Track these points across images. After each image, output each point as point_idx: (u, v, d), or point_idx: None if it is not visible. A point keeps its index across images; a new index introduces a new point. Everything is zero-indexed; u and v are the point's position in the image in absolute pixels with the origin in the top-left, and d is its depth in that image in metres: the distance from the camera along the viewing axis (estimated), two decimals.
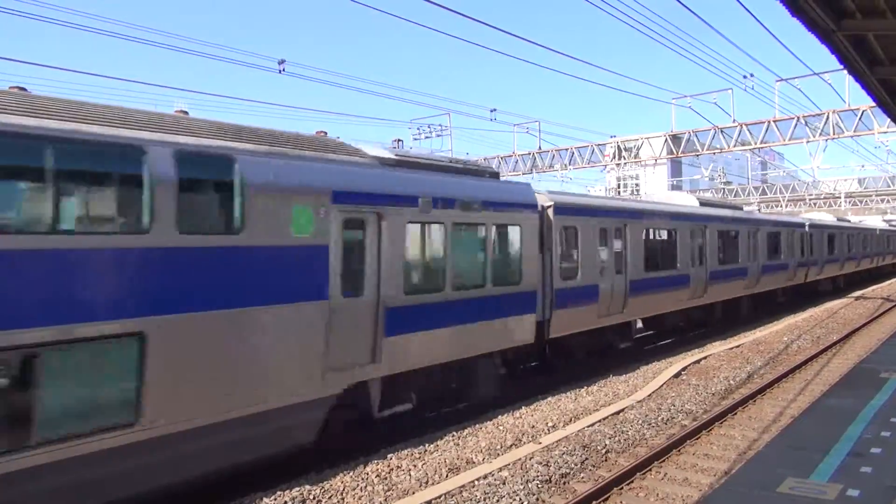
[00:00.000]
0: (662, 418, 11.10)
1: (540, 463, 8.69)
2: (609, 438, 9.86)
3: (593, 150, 32.51)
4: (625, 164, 33.59)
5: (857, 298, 30.99)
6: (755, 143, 26.37)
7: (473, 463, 8.87)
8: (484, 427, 10.54)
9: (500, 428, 10.46)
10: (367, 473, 8.50)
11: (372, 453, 9.24)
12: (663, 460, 9.06)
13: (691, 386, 13.40)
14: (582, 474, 8.58)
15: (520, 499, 7.66)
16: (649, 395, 12.51)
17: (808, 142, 25.26)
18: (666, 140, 29.83)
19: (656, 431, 10.49)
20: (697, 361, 15.84)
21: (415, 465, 8.79)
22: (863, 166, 48.19)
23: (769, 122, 25.73)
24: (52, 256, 6.15)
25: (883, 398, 10.06)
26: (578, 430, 10.17)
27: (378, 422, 9.67)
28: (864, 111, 23.44)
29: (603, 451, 9.39)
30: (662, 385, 13.37)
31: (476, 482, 8.07)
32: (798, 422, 9.18)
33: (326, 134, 13.45)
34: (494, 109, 31.41)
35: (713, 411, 11.42)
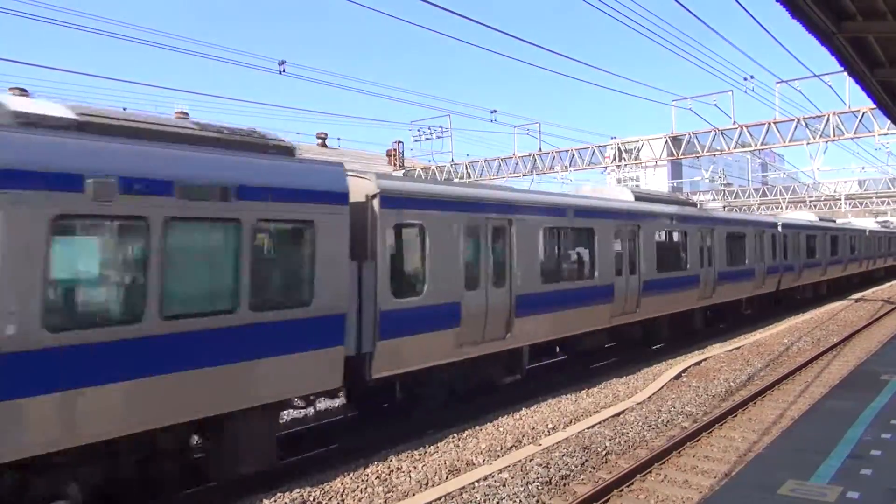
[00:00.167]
0: (662, 420, 11.10)
1: (540, 464, 8.70)
2: (609, 440, 9.86)
3: (594, 151, 32.52)
4: (625, 165, 33.57)
5: (857, 300, 30.99)
6: (755, 145, 26.35)
7: (473, 464, 8.87)
8: (484, 428, 10.54)
9: (501, 429, 10.46)
10: (367, 475, 8.50)
11: (372, 454, 9.25)
12: (663, 462, 9.06)
13: (691, 388, 13.40)
14: (582, 476, 8.58)
15: (520, 500, 7.66)
16: (649, 397, 12.52)
17: (808, 143, 25.23)
18: (666, 142, 29.83)
19: (656, 433, 10.49)
20: (698, 363, 15.85)
21: (415, 467, 8.79)
22: (863, 168, 48.14)
23: (769, 123, 25.72)
24: None
25: (883, 400, 10.05)
26: (578, 432, 10.18)
27: None
28: (864, 113, 23.43)
29: (603, 452, 9.39)
30: (663, 387, 13.38)
31: (476, 484, 8.07)
32: (798, 424, 9.17)
33: (326, 136, 13.35)
34: (495, 111, 31.61)
35: (713, 413, 11.42)
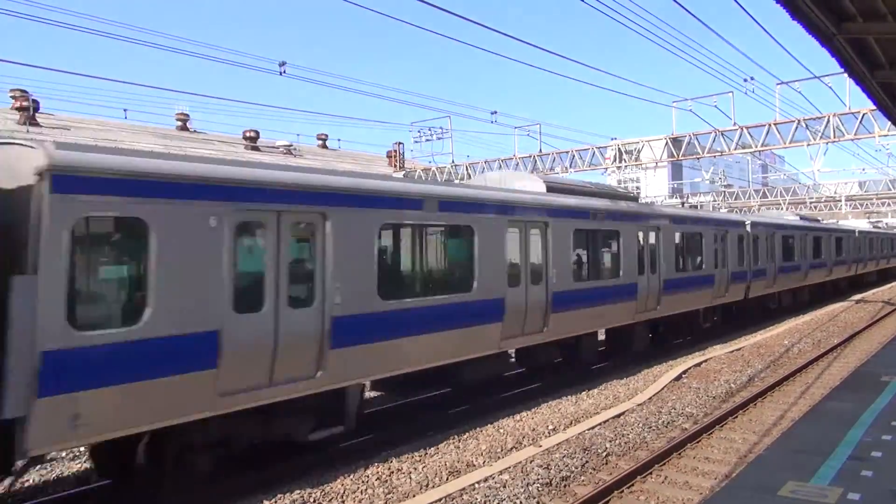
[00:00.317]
0: (663, 421, 11.09)
1: (540, 466, 8.69)
2: (610, 441, 9.85)
3: (594, 152, 32.49)
4: (625, 166, 33.58)
5: (857, 302, 31.01)
6: (756, 147, 26.33)
7: (474, 466, 8.86)
8: (484, 430, 10.54)
9: (501, 431, 10.46)
10: (368, 476, 8.50)
11: (372, 456, 9.24)
12: (664, 464, 9.05)
13: (692, 389, 13.40)
14: (582, 477, 8.57)
15: (520, 502, 7.65)
16: (650, 399, 12.51)
17: (808, 145, 25.21)
18: (667, 143, 29.84)
19: (657, 435, 10.48)
20: (698, 364, 15.84)
21: (415, 468, 8.79)
22: (863, 169, 48.18)
23: (770, 125, 25.71)
24: None
25: (884, 401, 10.05)
26: (579, 434, 10.17)
27: None
28: (864, 114, 23.42)
29: (603, 454, 9.39)
30: (663, 388, 13.37)
31: (476, 485, 8.07)
32: (799, 425, 9.17)
33: (327, 137, 13.36)
34: (495, 112, 31.55)
35: (714, 414, 11.41)
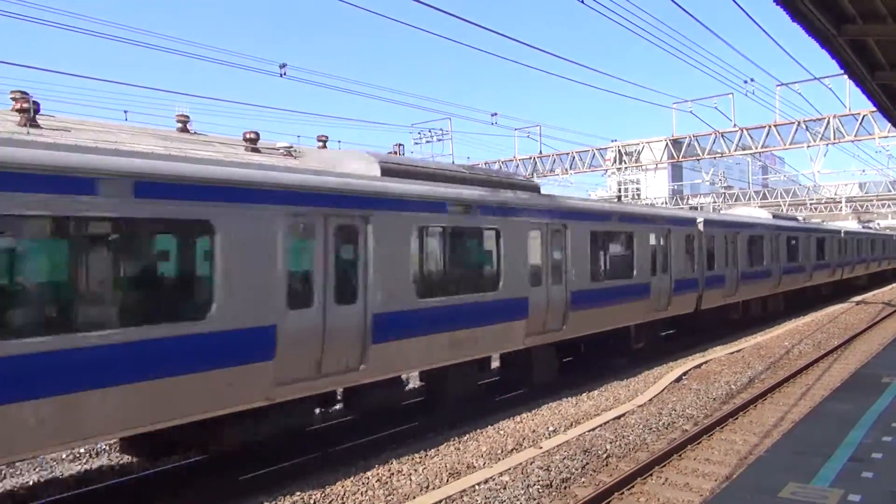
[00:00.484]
0: (663, 423, 11.09)
1: (541, 468, 8.69)
2: (610, 443, 9.85)
3: (594, 154, 32.54)
4: (626, 168, 33.60)
5: (857, 303, 31.01)
6: (756, 148, 26.39)
7: (474, 467, 8.86)
8: (485, 431, 10.53)
9: (501, 432, 10.45)
10: (368, 478, 8.49)
11: (372, 457, 9.24)
12: (664, 465, 9.05)
13: (692, 390, 13.39)
14: (583, 479, 8.57)
15: (520, 503, 7.65)
16: (650, 400, 12.50)
17: (808, 146, 25.27)
18: (667, 144, 29.88)
19: (657, 436, 10.47)
20: (698, 366, 15.83)
21: (415, 470, 8.78)
22: (863, 171, 48.30)
23: (770, 126, 25.76)
24: None
25: (884, 403, 10.05)
26: (579, 435, 10.17)
27: None
28: (864, 116, 23.47)
29: (604, 455, 9.38)
30: (663, 390, 13.37)
31: (477, 487, 8.06)
32: (799, 427, 9.16)
33: (327, 139, 13.37)
34: (495, 114, 31.63)
35: (714, 416, 11.40)
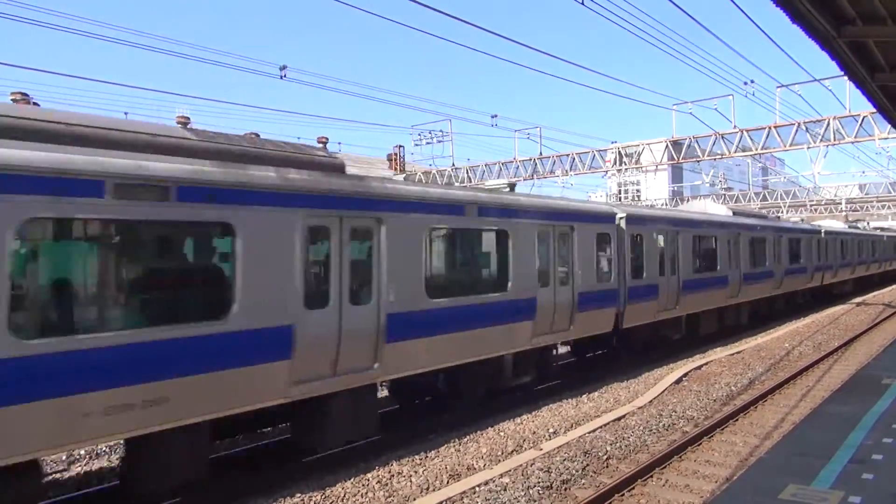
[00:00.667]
0: (664, 424, 11.08)
1: (541, 469, 8.68)
2: (610, 445, 9.84)
3: (594, 155, 32.55)
4: (626, 169, 33.60)
5: (858, 304, 31.00)
6: (756, 149, 26.39)
7: (474, 469, 8.86)
8: (485, 433, 10.53)
9: (502, 434, 10.45)
10: (368, 479, 8.49)
11: (372, 459, 9.24)
12: (665, 467, 9.05)
13: (693, 392, 13.38)
14: (583, 480, 8.56)
15: None
16: (650, 402, 12.50)
17: (808, 148, 25.26)
18: (667, 146, 29.87)
19: (657, 437, 10.47)
20: (699, 367, 15.82)
21: (416, 471, 8.78)
22: (863, 172, 48.39)
23: (770, 128, 25.76)
24: None
25: (885, 404, 10.04)
26: (580, 437, 10.16)
27: None
28: (864, 117, 23.47)
29: (604, 457, 9.38)
30: (664, 391, 13.36)
31: (477, 488, 8.05)
32: (800, 428, 9.16)
33: (327, 140, 13.34)
34: (496, 115, 31.74)
35: (714, 417, 11.40)
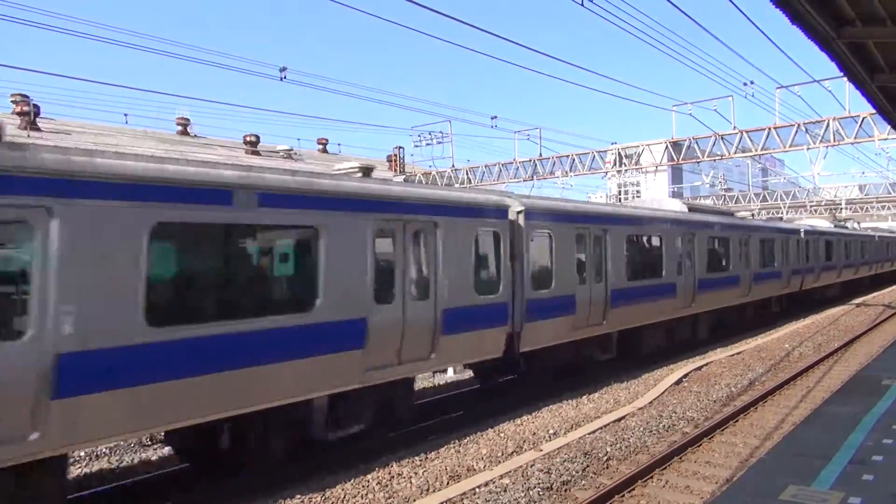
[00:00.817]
0: (664, 425, 11.08)
1: (541, 470, 8.68)
2: (610, 446, 9.84)
3: (594, 156, 32.54)
4: (625, 170, 33.59)
5: (858, 305, 30.99)
6: (756, 150, 26.37)
7: (474, 470, 8.85)
8: (485, 434, 10.53)
9: (502, 435, 10.44)
10: (368, 481, 8.49)
11: (372, 460, 9.23)
12: (665, 468, 9.04)
13: (693, 393, 13.38)
14: (583, 481, 8.56)
15: None
16: (650, 403, 12.50)
17: (808, 149, 25.25)
18: (667, 147, 29.85)
19: (658, 438, 10.46)
20: (699, 368, 15.82)
21: (416, 473, 8.77)
22: (863, 173, 48.43)
23: (769, 129, 25.75)
24: None
25: (885, 405, 10.03)
26: (580, 438, 10.16)
27: None
28: (864, 118, 23.46)
29: (604, 458, 9.37)
30: (664, 392, 13.36)
31: (477, 489, 8.05)
32: (800, 429, 9.15)
33: (327, 142, 13.32)
34: (495, 117, 31.68)
35: (715, 418, 11.40)
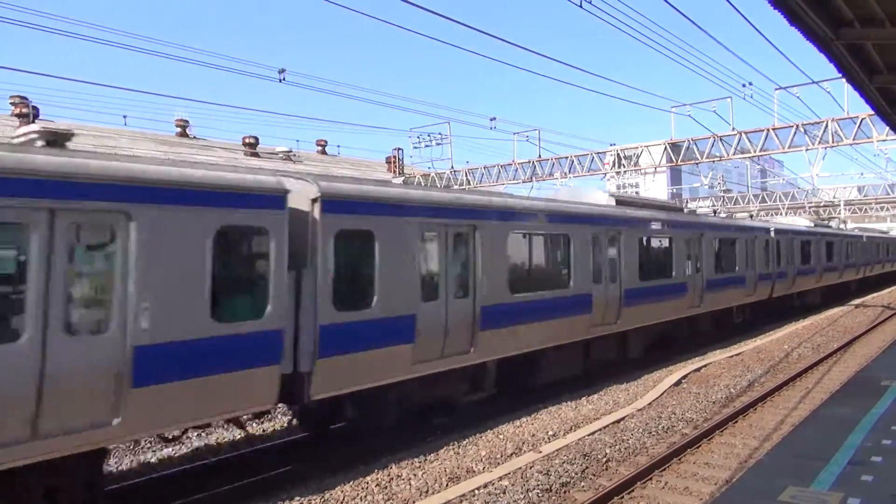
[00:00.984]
0: (663, 427, 11.07)
1: (540, 472, 8.67)
2: (609, 447, 9.84)
3: (593, 158, 32.53)
4: (624, 172, 33.60)
5: (857, 306, 31.00)
6: (754, 151, 26.37)
7: (473, 472, 8.85)
8: (484, 436, 10.52)
9: (501, 437, 10.44)
10: (367, 482, 8.48)
11: (372, 462, 9.22)
12: (664, 469, 9.04)
13: (692, 394, 13.38)
14: (582, 483, 8.55)
15: None
16: (650, 404, 12.49)
17: (807, 150, 25.25)
18: (665, 148, 29.85)
19: (657, 440, 10.46)
20: (698, 369, 15.82)
21: (415, 474, 8.77)
22: (862, 174, 48.47)
23: (768, 130, 25.76)
24: None
25: (884, 406, 10.05)
26: (579, 439, 10.15)
27: None
28: (862, 119, 23.46)
29: (603, 459, 9.37)
30: (663, 393, 13.36)
31: (476, 491, 8.05)
32: (799, 430, 9.16)
33: (326, 143, 13.34)
34: (494, 118, 31.64)
35: (714, 420, 11.40)
